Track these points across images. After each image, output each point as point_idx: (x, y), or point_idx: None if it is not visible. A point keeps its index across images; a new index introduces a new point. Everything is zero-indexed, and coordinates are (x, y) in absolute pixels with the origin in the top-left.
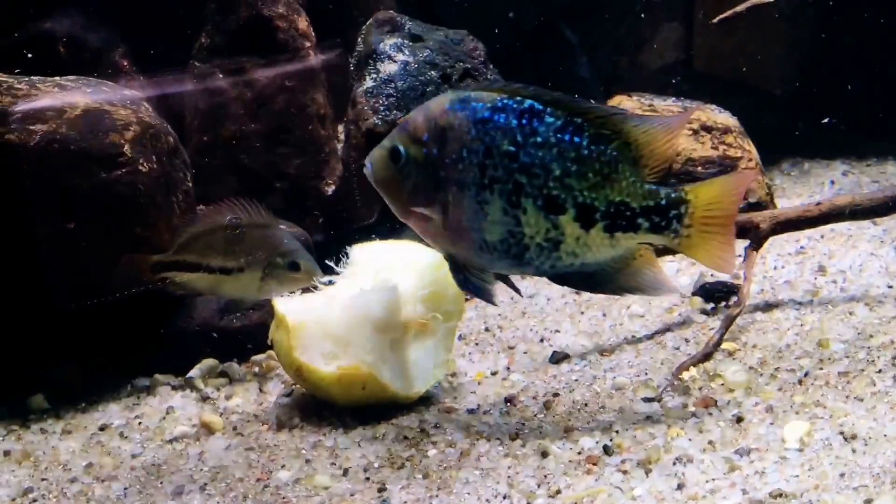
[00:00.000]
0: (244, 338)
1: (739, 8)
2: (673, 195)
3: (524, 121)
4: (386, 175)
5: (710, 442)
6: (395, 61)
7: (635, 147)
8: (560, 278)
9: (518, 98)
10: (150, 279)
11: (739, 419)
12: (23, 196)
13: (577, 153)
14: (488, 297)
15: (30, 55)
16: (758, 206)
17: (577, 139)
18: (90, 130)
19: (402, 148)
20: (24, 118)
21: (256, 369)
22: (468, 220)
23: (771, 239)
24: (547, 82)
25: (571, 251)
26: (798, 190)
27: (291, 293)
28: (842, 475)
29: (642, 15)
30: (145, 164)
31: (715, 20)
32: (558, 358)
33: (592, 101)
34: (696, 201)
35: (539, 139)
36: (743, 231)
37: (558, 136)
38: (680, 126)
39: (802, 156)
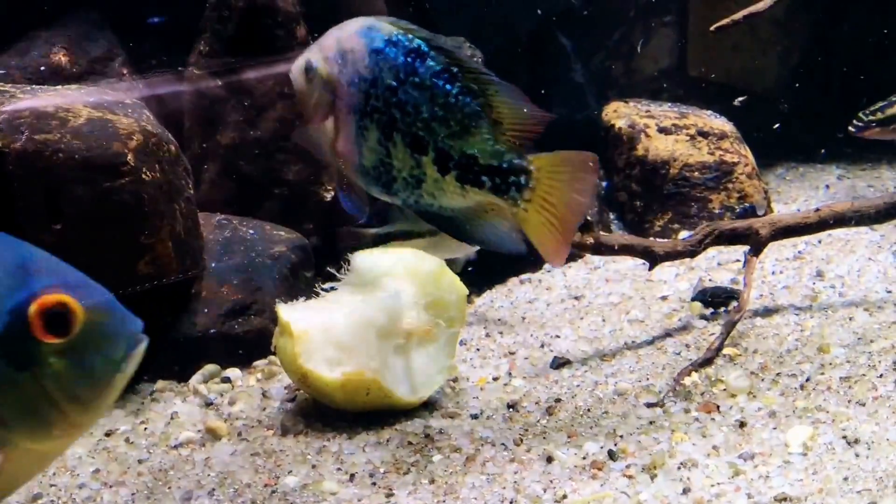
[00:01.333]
0: (246, 343)
1: (737, 16)
2: (515, 161)
3: (409, 59)
4: (299, 85)
5: (714, 447)
6: None
7: (497, 110)
8: (424, 215)
9: (409, 36)
10: None
11: (742, 424)
12: (26, 205)
13: (445, 100)
14: (360, 214)
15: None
16: (755, 212)
17: (448, 87)
18: (93, 139)
19: (314, 62)
20: (30, 127)
21: (259, 375)
22: (351, 143)
23: (768, 245)
24: (542, 88)
25: (431, 192)
26: (793, 194)
27: None
28: (845, 479)
29: (636, 21)
30: (148, 172)
31: (712, 28)
32: (559, 363)
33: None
34: (539, 174)
35: (417, 80)
36: (743, 237)
37: (434, 80)
38: (539, 120)
39: (797, 160)
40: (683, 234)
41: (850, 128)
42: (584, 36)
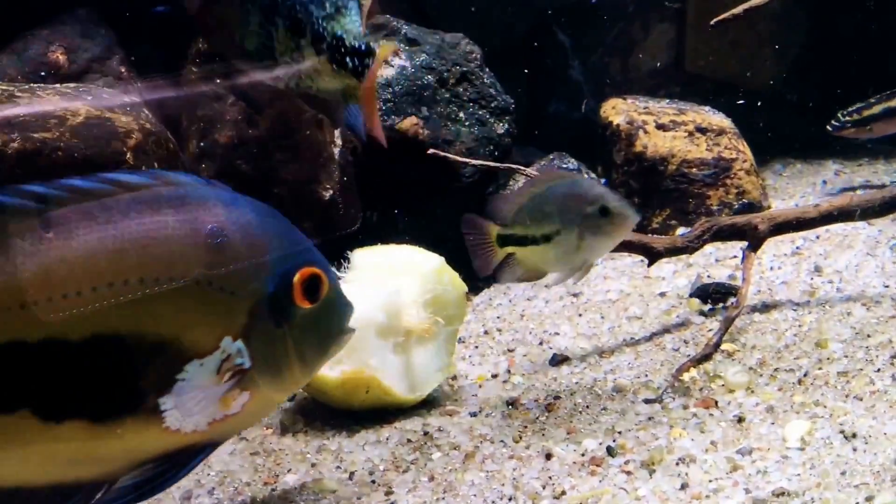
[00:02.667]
0: None
1: (737, 10)
2: (371, 44)
3: None
4: None
5: (713, 442)
6: (392, 66)
7: None
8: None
9: None
10: (495, 250)
11: (741, 419)
12: None
13: None
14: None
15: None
16: (753, 207)
17: None
18: (92, 138)
19: None
20: (28, 126)
21: None
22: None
23: (766, 240)
24: (540, 85)
25: (309, 75)
26: (791, 190)
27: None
28: (843, 473)
29: (634, 17)
30: None
31: (711, 23)
32: (558, 360)
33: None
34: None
35: None
36: (741, 233)
37: None
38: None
39: (794, 156)
40: (682, 230)
41: (828, 127)
42: (583, 33)
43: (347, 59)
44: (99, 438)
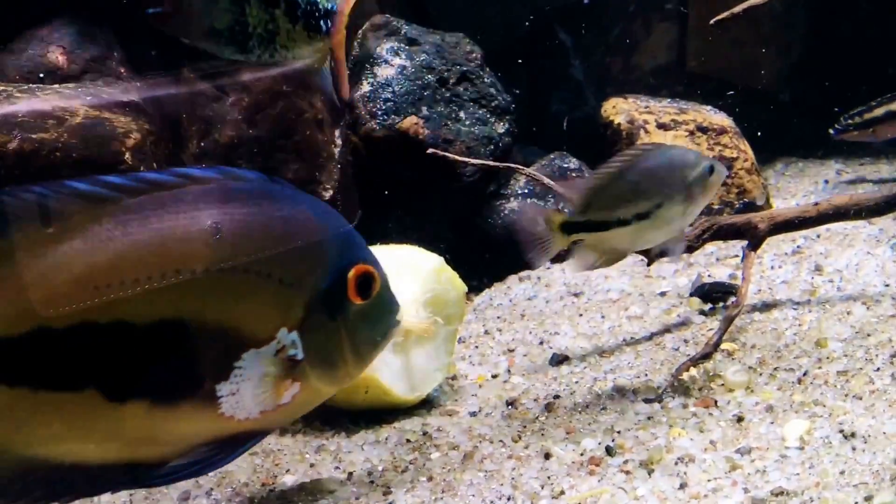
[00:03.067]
0: None
1: (737, 9)
2: (339, 2)
3: None
4: None
5: (712, 441)
6: (392, 65)
7: None
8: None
9: None
10: (558, 238)
11: (740, 419)
12: None
13: None
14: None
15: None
16: (754, 207)
17: None
18: (91, 138)
19: None
20: (26, 126)
21: None
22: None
23: (767, 239)
24: (541, 85)
25: (284, 45)
26: (793, 189)
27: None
28: (842, 472)
29: (636, 16)
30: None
31: (711, 21)
32: (558, 360)
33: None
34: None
35: None
36: (741, 232)
37: None
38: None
39: (797, 155)
40: None
41: (830, 130)
42: (584, 32)
43: (321, 23)
44: (158, 420)
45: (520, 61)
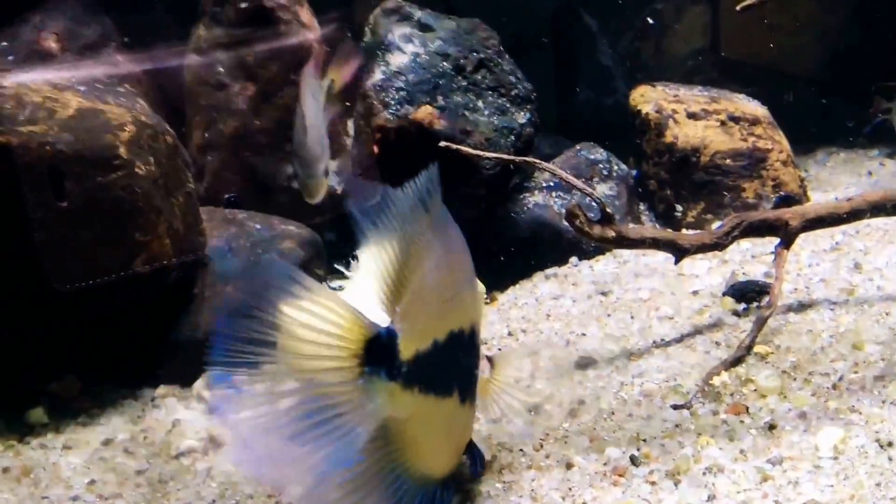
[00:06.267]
0: None
1: None
2: None
3: None
4: None
5: (742, 451)
6: (405, 53)
7: None
8: None
9: None
10: None
11: (772, 426)
12: (14, 202)
13: None
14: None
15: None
16: (790, 200)
17: None
18: (83, 131)
19: None
20: (15, 120)
21: None
22: None
23: (805, 235)
24: (567, 71)
25: None
26: (834, 181)
27: None
28: (878, 485)
29: None
30: (142, 165)
31: (738, 8)
32: (585, 363)
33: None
34: None
35: None
36: (773, 228)
37: None
38: None
39: (838, 145)
40: (717, 224)
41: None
42: (611, 15)
43: None
44: (466, 417)
45: (543, 47)
